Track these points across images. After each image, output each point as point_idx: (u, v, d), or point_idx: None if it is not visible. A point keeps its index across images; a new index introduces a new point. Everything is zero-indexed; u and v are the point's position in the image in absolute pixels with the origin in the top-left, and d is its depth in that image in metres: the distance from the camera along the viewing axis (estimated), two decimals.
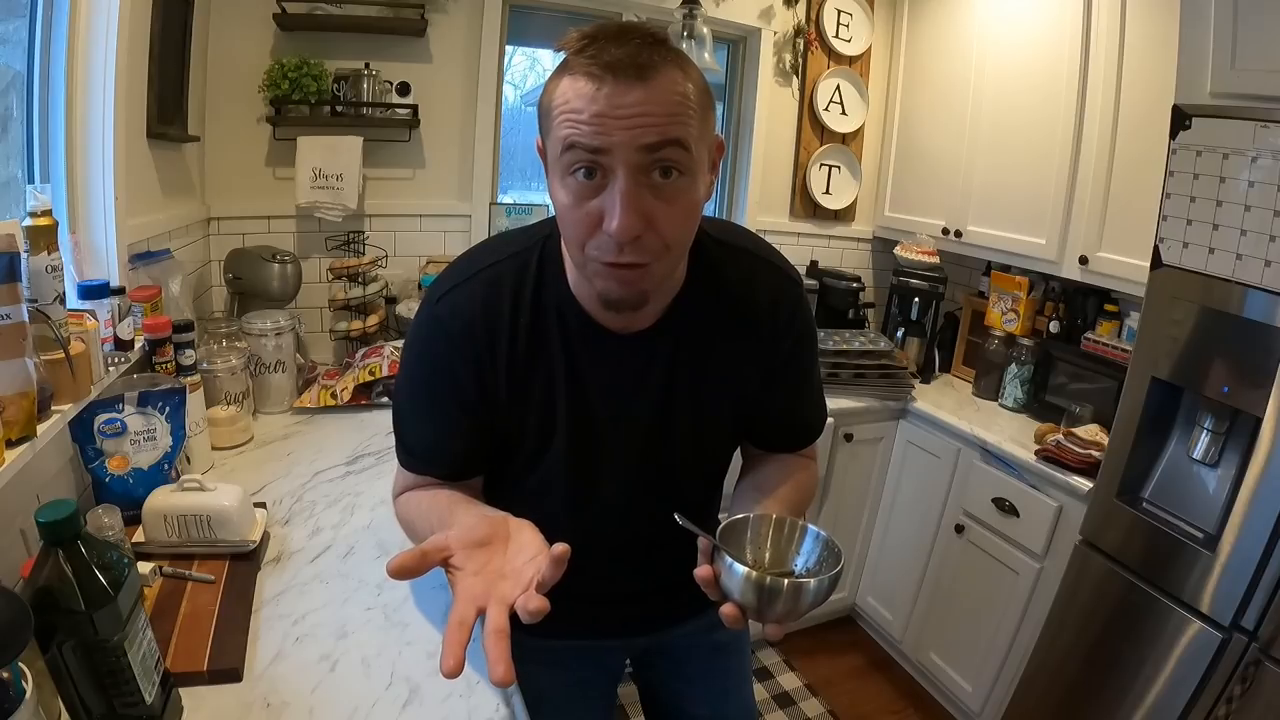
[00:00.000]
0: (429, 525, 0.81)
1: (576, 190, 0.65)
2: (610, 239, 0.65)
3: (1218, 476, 1.37)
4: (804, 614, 0.67)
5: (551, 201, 0.71)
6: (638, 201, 0.64)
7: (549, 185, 0.70)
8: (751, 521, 0.75)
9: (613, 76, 0.62)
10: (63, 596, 0.58)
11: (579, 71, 0.63)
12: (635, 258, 0.67)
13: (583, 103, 0.63)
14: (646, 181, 0.64)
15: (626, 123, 0.62)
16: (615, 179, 0.64)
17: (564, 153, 0.64)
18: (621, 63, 0.62)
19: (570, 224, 0.67)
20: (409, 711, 0.77)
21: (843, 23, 2.42)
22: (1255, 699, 1.23)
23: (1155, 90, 1.59)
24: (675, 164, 0.65)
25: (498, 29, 2.04)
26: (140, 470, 1.09)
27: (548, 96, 0.67)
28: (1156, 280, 1.41)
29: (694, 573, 0.70)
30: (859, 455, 2.18)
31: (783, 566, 0.74)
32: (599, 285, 0.70)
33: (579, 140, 0.63)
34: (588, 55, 0.63)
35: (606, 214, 0.64)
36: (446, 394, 0.79)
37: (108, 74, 1.23)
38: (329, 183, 1.86)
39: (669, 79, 0.64)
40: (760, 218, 2.49)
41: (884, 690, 2.19)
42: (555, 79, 0.67)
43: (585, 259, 0.69)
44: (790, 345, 0.87)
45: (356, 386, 1.63)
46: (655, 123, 0.63)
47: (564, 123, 0.64)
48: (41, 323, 0.91)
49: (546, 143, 0.68)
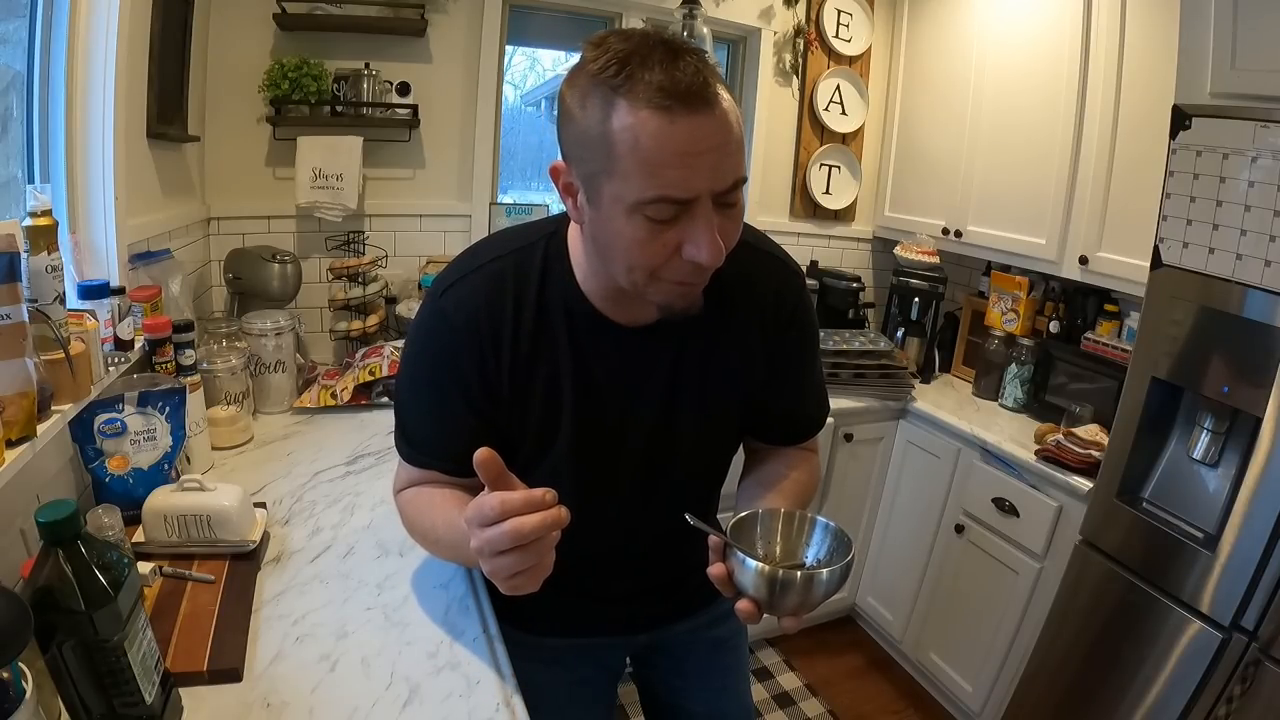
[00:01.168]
0: (434, 526, 0.82)
1: (650, 229, 0.65)
2: (693, 266, 0.67)
3: (1218, 476, 1.37)
4: (818, 604, 0.68)
5: (595, 227, 0.69)
6: (717, 229, 0.66)
7: (595, 214, 0.68)
8: (760, 516, 0.76)
9: (681, 107, 0.60)
10: (63, 596, 0.58)
11: (641, 103, 0.60)
12: (708, 275, 0.70)
13: (660, 142, 0.60)
14: (719, 212, 0.66)
15: (707, 159, 0.62)
16: (698, 214, 0.65)
17: (648, 204, 0.63)
18: (688, 92, 0.60)
19: (640, 256, 0.67)
20: (409, 711, 0.77)
21: (843, 23, 2.42)
22: (1255, 699, 1.23)
23: (1155, 90, 1.59)
24: (738, 193, 0.67)
25: (498, 29, 2.04)
26: (140, 470, 1.09)
27: (596, 125, 0.62)
28: (1156, 280, 1.41)
29: (708, 570, 0.70)
30: (859, 455, 2.18)
31: (794, 559, 0.75)
32: (661, 300, 0.72)
33: (670, 194, 0.62)
34: (646, 83, 0.60)
35: (690, 245, 0.65)
36: (449, 387, 0.79)
37: (108, 74, 1.22)
38: (329, 183, 1.86)
39: (726, 101, 0.63)
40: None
41: (884, 690, 2.19)
42: (602, 104, 0.62)
43: (651, 280, 0.69)
44: (794, 337, 0.88)
45: (356, 386, 1.63)
46: (730, 161, 0.64)
47: (644, 169, 0.61)
48: (41, 323, 0.91)
49: (603, 180, 0.64)
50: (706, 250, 0.65)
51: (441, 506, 0.81)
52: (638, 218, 0.64)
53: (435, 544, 0.86)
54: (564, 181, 0.70)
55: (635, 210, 0.64)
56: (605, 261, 0.72)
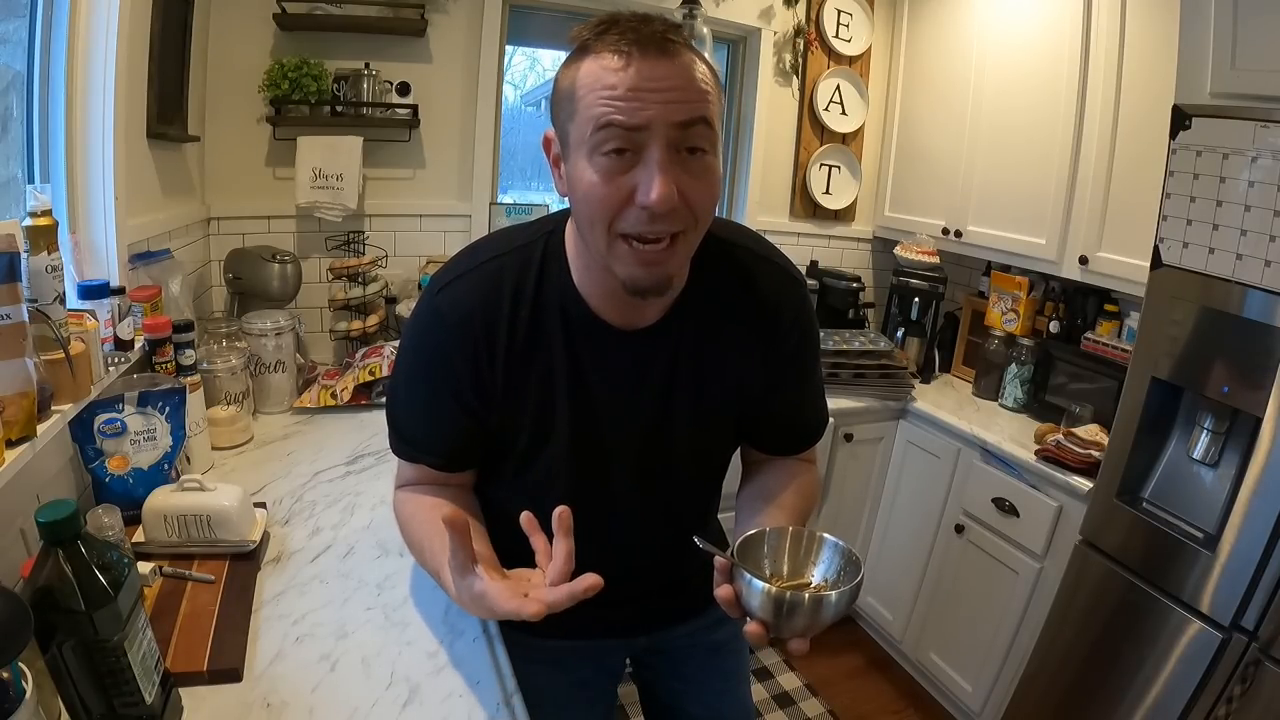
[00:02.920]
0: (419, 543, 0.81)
1: (607, 168, 0.66)
2: (643, 211, 0.66)
3: (1218, 476, 1.37)
4: (826, 626, 0.67)
5: (569, 185, 0.70)
6: (672, 173, 0.65)
7: (569, 170, 0.69)
8: (767, 535, 0.75)
9: (639, 51, 0.63)
10: (63, 596, 0.58)
11: (604, 50, 0.64)
12: (668, 227, 0.68)
13: (615, 78, 0.63)
14: (676, 158, 0.66)
15: (661, 96, 0.63)
16: (650, 153, 0.65)
17: (597, 131, 0.64)
18: (647, 39, 0.63)
19: (598, 201, 0.67)
20: (409, 711, 0.77)
21: (843, 23, 2.42)
22: (1255, 699, 1.23)
23: (1155, 90, 1.59)
24: (702, 142, 0.67)
25: (498, 29, 2.04)
26: (140, 470, 1.09)
27: (567, 80, 0.67)
28: (1156, 280, 1.41)
29: (715, 593, 0.70)
30: (859, 455, 2.18)
31: (801, 578, 0.73)
32: (624, 272, 0.70)
33: (616, 119, 0.63)
34: (611, 35, 0.64)
35: (641, 186, 0.65)
36: (441, 385, 0.79)
37: (108, 74, 1.23)
38: (329, 183, 1.86)
39: (689, 58, 0.66)
40: (760, 218, 2.49)
41: (884, 690, 2.19)
42: (573, 63, 0.67)
43: (611, 240, 0.69)
44: (793, 345, 0.87)
45: (356, 386, 1.63)
46: (686, 98, 0.65)
47: (596, 101, 0.64)
48: (41, 323, 0.91)
49: (570, 126, 0.67)
50: (655, 190, 0.64)
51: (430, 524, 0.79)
52: (596, 158, 0.66)
53: (420, 559, 0.84)
54: (553, 154, 0.72)
55: (593, 150, 0.66)
56: (581, 230, 0.73)
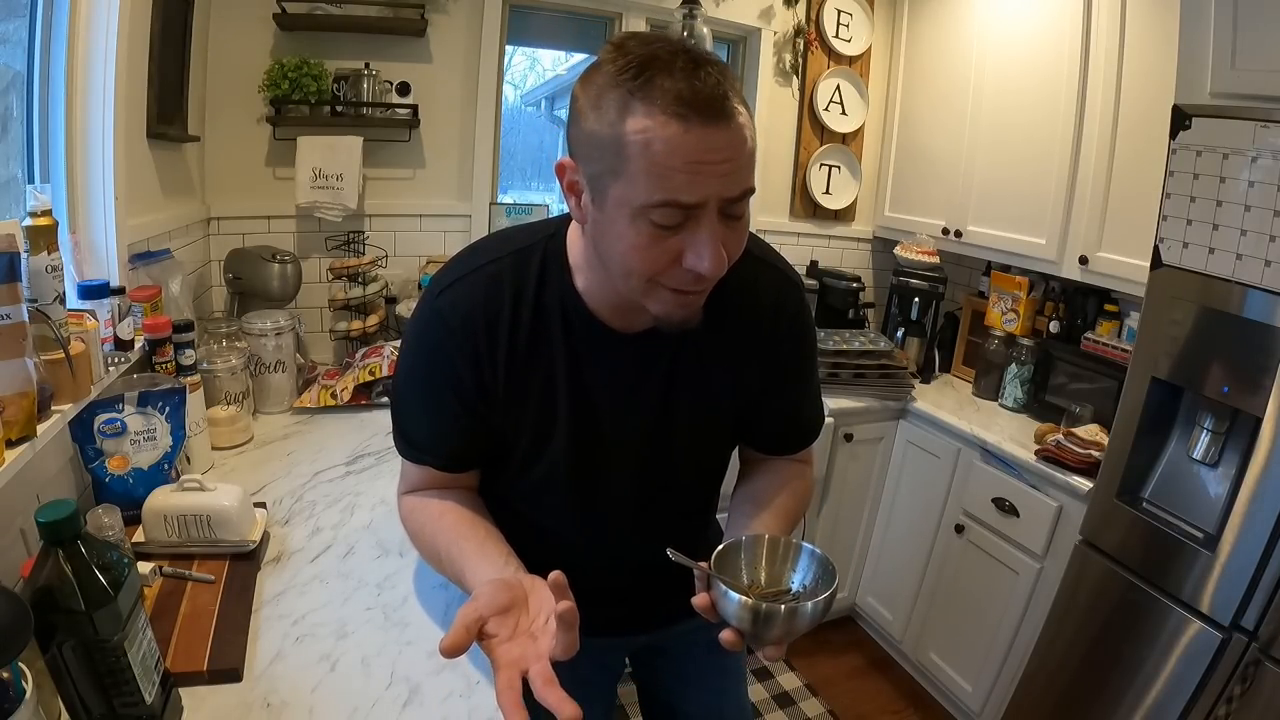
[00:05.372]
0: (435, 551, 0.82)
1: (654, 233, 0.64)
2: (691, 274, 0.66)
3: (1218, 476, 1.37)
4: (800, 634, 0.69)
5: (597, 229, 0.69)
6: (721, 240, 0.65)
7: (599, 215, 0.67)
8: (745, 544, 0.76)
9: (699, 118, 0.60)
10: (63, 596, 0.58)
11: (659, 110, 0.60)
12: (708, 285, 0.69)
13: (673, 147, 0.60)
14: (724, 222, 0.66)
15: (718, 169, 0.62)
16: (703, 224, 0.64)
17: (656, 207, 0.62)
18: (706, 103, 0.60)
19: (642, 262, 0.66)
20: (409, 711, 0.77)
21: (843, 23, 2.42)
22: (1255, 699, 1.23)
23: (1155, 90, 1.59)
24: (745, 206, 0.67)
25: (498, 29, 2.04)
26: (140, 470, 1.09)
27: (609, 129, 0.62)
28: (1156, 280, 1.41)
29: (692, 601, 0.71)
30: (859, 455, 2.18)
31: (779, 585, 0.75)
32: (659, 310, 0.71)
33: (678, 199, 0.62)
34: (662, 91, 0.60)
35: (692, 253, 0.65)
36: (443, 387, 0.79)
37: (108, 74, 1.23)
38: (329, 183, 1.86)
39: (741, 119, 0.63)
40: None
41: (884, 690, 2.19)
42: (615, 109, 0.62)
43: (649, 287, 0.68)
44: (790, 348, 0.87)
45: (356, 386, 1.63)
46: (739, 168, 0.64)
47: (652, 169, 0.61)
48: (41, 323, 0.91)
49: (611, 182, 0.64)
50: (709, 260, 0.64)
51: (450, 546, 0.80)
52: (642, 222, 0.64)
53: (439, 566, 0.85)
54: (569, 179, 0.70)
55: (641, 214, 0.64)
56: (604, 264, 0.72)
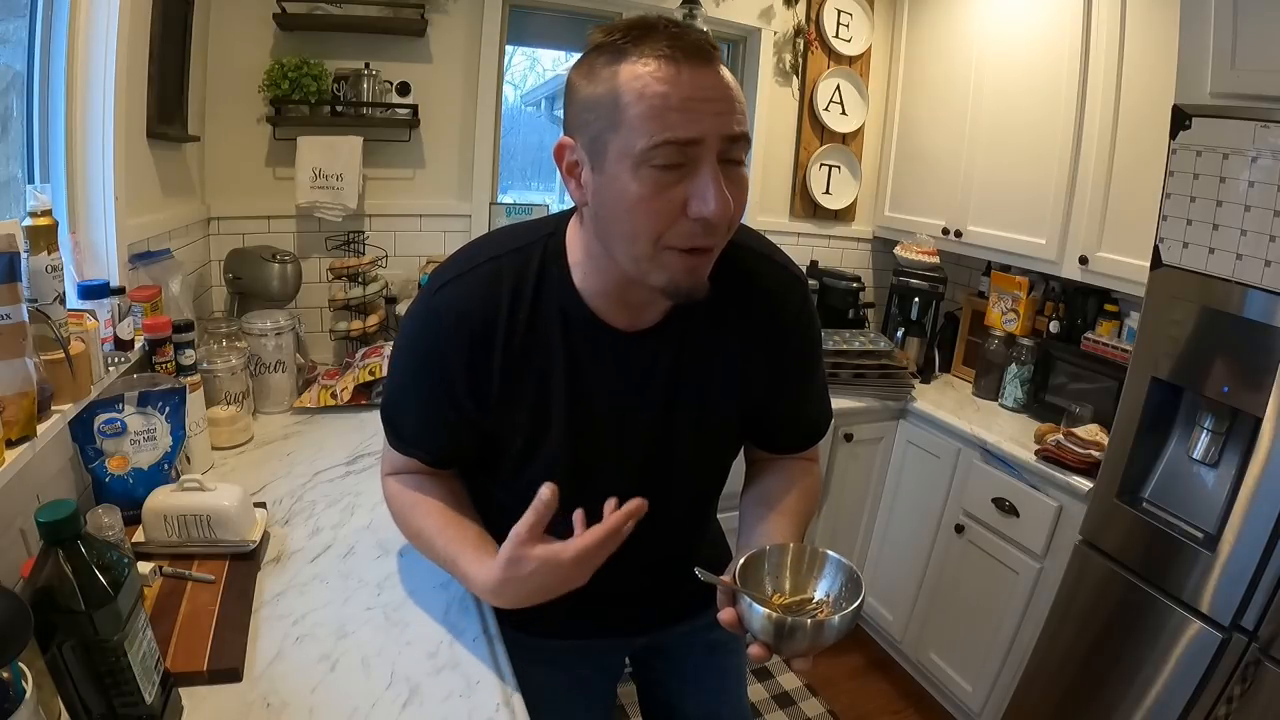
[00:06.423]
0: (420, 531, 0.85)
1: (657, 181, 0.64)
2: (697, 224, 0.65)
3: (1218, 476, 1.37)
4: (827, 646, 0.68)
5: (598, 196, 0.68)
6: (724, 184, 0.65)
7: (599, 181, 0.67)
8: (769, 553, 0.76)
9: (686, 59, 0.61)
10: (63, 596, 0.58)
11: (648, 57, 0.62)
12: (717, 239, 0.68)
13: (666, 87, 0.61)
14: (723, 169, 0.65)
15: (712, 107, 0.63)
16: (704, 166, 0.64)
17: (656, 148, 0.62)
18: (691, 48, 0.62)
19: (647, 215, 0.65)
20: (409, 711, 0.77)
21: (843, 23, 2.42)
22: (1255, 699, 1.23)
23: (1155, 90, 1.59)
24: (741, 154, 0.67)
25: (498, 29, 2.04)
26: (140, 470, 1.09)
27: (602, 87, 0.64)
28: (1156, 280, 1.41)
29: (718, 616, 0.71)
30: (859, 455, 2.18)
31: (803, 594, 0.74)
32: (664, 278, 0.69)
33: (676, 135, 0.62)
34: (653, 42, 0.62)
35: (696, 199, 0.64)
36: (435, 385, 0.79)
37: (108, 74, 1.22)
38: (329, 183, 1.86)
39: (725, 70, 0.65)
40: (760, 218, 2.48)
41: (884, 690, 2.19)
42: (605, 69, 0.64)
43: (656, 251, 0.67)
44: (795, 343, 0.87)
45: (356, 386, 1.63)
46: (732, 110, 0.64)
47: (648, 112, 0.62)
48: (41, 323, 0.91)
49: (610, 136, 0.64)
50: (714, 200, 0.63)
51: (429, 515, 0.84)
52: (644, 170, 0.64)
53: (425, 549, 0.88)
54: (568, 161, 0.70)
55: (642, 161, 0.63)
56: (608, 241, 0.71)
